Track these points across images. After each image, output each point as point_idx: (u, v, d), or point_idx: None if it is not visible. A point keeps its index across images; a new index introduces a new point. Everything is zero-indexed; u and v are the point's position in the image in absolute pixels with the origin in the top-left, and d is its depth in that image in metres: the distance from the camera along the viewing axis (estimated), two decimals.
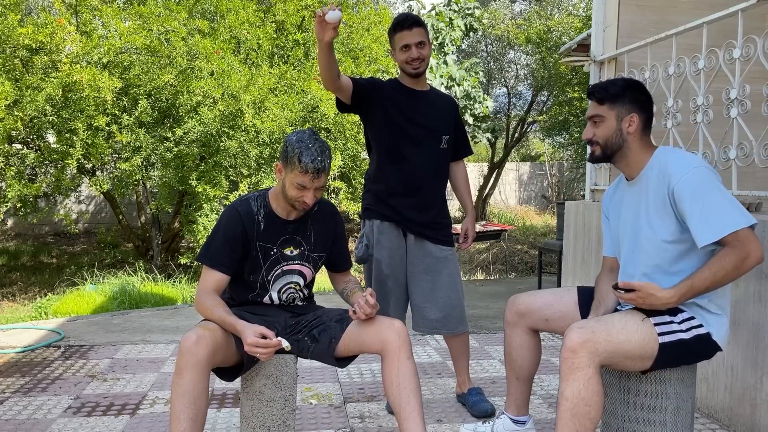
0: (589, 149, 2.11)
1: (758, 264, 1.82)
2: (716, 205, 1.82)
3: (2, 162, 6.97)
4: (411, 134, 2.72)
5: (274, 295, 2.29)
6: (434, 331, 2.82)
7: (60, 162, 7.36)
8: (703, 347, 1.92)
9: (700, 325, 1.91)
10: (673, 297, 1.84)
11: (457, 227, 3.05)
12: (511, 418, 2.43)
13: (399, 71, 2.80)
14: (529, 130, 16.82)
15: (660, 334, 1.87)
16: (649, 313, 1.92)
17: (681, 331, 1.90)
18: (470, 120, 12.40)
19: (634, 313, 1.92)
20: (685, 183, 1.86)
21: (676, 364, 1.94)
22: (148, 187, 9.48)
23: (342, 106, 2.72)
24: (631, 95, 2.00)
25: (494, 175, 16.15)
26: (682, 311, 1.93)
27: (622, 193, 2.12)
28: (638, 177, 2.03)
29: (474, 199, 15.22)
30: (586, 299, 2.21)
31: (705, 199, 1.83)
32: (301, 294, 2.34)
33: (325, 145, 2.11)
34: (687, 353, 1.91)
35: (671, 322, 1.90)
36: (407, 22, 2.69)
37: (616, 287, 1.91)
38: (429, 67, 2.83)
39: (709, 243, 1.83)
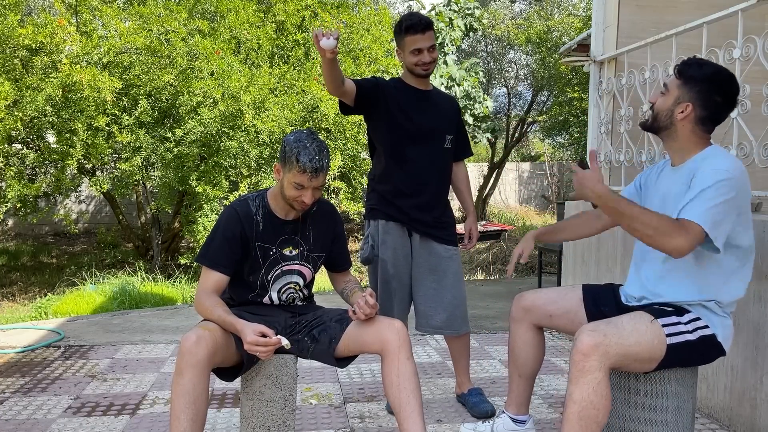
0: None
1: (672, 250, 1.79)
2: (710, 201, 1.80)
3: (2, 162, 6.98)
4: (414, 134, 2.71)
5: (274, 296, 2.29)
6: (438, 332, 2.82)
7: (60, 162, 7.36)
8: (708, 349, 1.93)
9: (706, 326, 1.91)
10: (604, 194, 1.83)
11: (459, 228, 3.05)
12: (511, 417, 2.43)
13: (403, 71, 2.79)
14: (529, 130, 16.81)
15: (668, 335, 1.87)
16: (657, 314, 1.92)
17: (688, 332, 1.89)
18: (470, 120, 12.39)
19: (643, 315, 1.91)
20: (708, 174, 1.84)
21: (681, 365, 1.94)
22: (148, 187, 9.49)
23: (345, 109, 2.71)
24: (704, 87, 1.92)
25: (494, 175, 16.14)
26: (688, 311, 1.94)
27: (663, 175, 2.11)
28: (682, 165, 2.00)
29: (474, 199, 15.21)
30: (590, 297, 2.22)
31: (709, 193, 1.81)
32: (300, 294, 2.34)
33: (323, 145, 2.11)
34: (692, 355, 1.92)
35: (678, 323, 1.90)
36: (420, 25, 2.63)
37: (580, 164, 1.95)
38: None
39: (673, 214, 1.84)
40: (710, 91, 1.92)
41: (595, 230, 2.38)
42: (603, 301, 2.19)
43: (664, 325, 1.88)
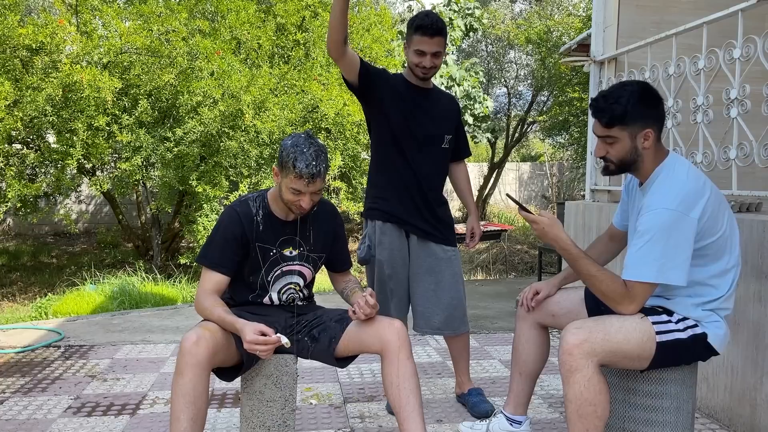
0: (602, 163, 2.04)
1: (621, 313, 1.89)
2: (650, 251, 1.82)
3: (2, 162, 6.97)
4: (414, 133, 2.70)
5: (274, 296, 2.29)
6: (436, 333, 2.81)
7: (60, 162, 7.36)
8: (701, 347, 1.93)
9: (696, 325, 1.92)
10: (568, 242, 1.93)
11: (461, 227, 3.05)
12: (506, 417, 2.42)
13: (406, 69, 2.76)
14: (529, 130, 16.82)
15: (658, 333, 1.88)
16: (647, 312, 1.93)
17: (678, 330, 1.90)
18: (470, 120, 12.40)
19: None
20: (647, 218, 1.86)
21: (675, 364, 1.95)
22: (148, 187, 9.48)
23: (347, 85, 2.67)
24: (640, 108, 1.91)
25: (494, 175, 16.15)
26: (675, 312, 1.94)
27: (636, 192, 2.12)
28: (645, 184, 2.01)
29: (474, 198, 15.21)
30: (591, 297, 2.22)
31: (649, 241, 1.83)
32: (301, 294, 2.34)
33: (320, 149, 2.09)
34: (685, 353, 1.92)
35: (668, 321, 1.91)
36: (430, 29, 2.57)
37: (515, 201, 2.06)
38: None
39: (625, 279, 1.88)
40: (647, 107, 1.93)
41: (614, 252, 2.35)
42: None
43: (654, 323, 1.89)
